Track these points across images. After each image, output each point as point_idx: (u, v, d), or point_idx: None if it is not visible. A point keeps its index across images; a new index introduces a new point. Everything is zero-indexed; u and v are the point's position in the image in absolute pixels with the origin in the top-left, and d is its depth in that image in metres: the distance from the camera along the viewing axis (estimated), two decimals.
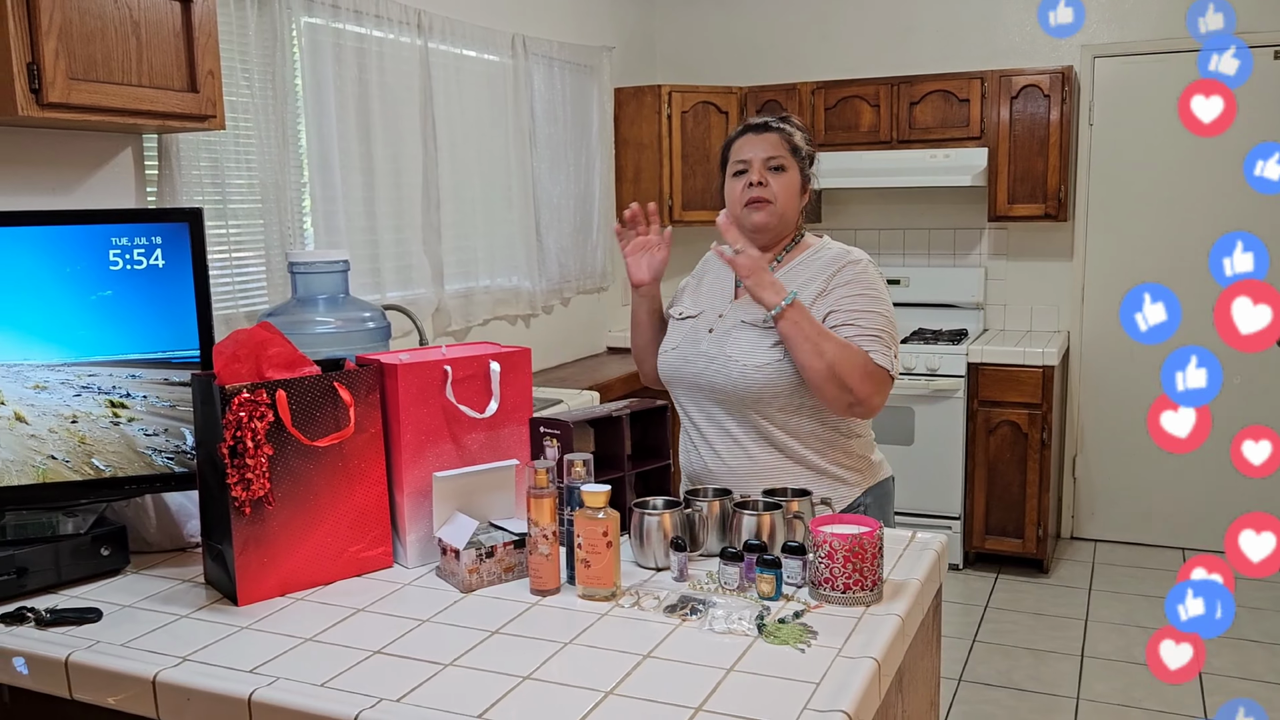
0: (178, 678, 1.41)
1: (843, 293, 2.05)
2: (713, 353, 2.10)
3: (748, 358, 2.04)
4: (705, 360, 2.11)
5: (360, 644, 1.50)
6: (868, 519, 1.67)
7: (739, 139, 2.15)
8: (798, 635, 1.49)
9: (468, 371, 1.86)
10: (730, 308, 2.15)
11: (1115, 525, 4.95)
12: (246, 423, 1.60)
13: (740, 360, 2.05)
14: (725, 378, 2.07)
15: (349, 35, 3.31)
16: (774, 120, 2.14)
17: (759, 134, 2.12)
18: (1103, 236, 4.83)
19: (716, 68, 5.39)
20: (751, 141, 2.12)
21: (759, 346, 2.04)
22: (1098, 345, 4.90)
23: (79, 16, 2.13)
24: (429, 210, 3.68)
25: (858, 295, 2.05)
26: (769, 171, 2.10)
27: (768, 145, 2.11)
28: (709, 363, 2.10)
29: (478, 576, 1.71)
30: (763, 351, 2.04)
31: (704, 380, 2.11)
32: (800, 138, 2.14)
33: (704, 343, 2.13)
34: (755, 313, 2.08)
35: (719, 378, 2.08)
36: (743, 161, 2.12)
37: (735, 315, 2.13)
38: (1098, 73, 4.74)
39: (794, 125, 2.15)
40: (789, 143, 2.11)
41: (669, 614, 1.58)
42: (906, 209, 5.13)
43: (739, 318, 2.11)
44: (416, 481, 1.80)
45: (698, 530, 1.83)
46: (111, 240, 1.73)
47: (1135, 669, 3.62)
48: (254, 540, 1.65)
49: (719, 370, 2.08)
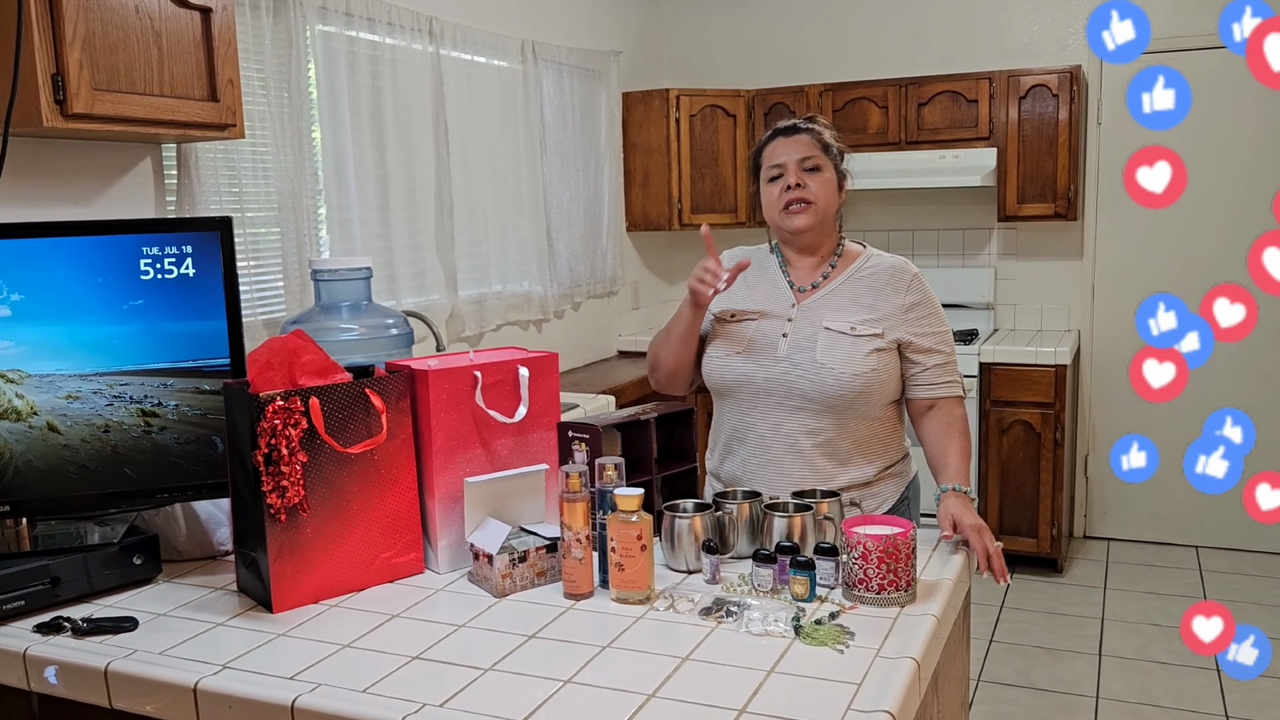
0: (218, 685, 1.41)
1: (919, 313, 2.08)
2: (798, 358, 2.06)
3: (845, 366, 2.02)
4: (787, 365, 2.06)
5: (398, 650, 1.50)
6: (900, 519, 1.67)
7: (770, 144, 2.14)
8: (835, 636, 1.49)
9: (497, 377, 1.87)
10: (798, 311, 2.11)
11: (1128, 524, 4.95)
12: (281, 430, 1.60)
13: (837, 368, 2.02)
14: (815, 384, 2.03)
15: (362, 43, 3.32)
16: (802, 121, 2.14)
17: (789, 136, 2.11)
18: (1112, 235, 4.84)
19: (724, 71, 5.40)
20: (783, 145, 2.11)
21: (854, 355, 2.03)
22: (1108, 344, 4.90)
23: (102, 27, 2.14)
24: (442, 216, 3.68)
25: (928, 315, 2.09)
26: (805, 173, 2.09)
27: (800, 146, 2.09)
28: (792, 368, 2.06)
29: (510, 581, 1.71)
30: (859, 360, 2.03)
31: (783, 386, 2.06)
32: (830, 135, 2.13)
33: (781, 347, 2.08)
34: (839, 320, 2.06)
35: (806, 384, 2.04)
36: (777, 166, 2.10)
37: (811, 320, 2.09)
38: (1106, 72, 4.74)
39: (822, 124, 2.15)
40: (820, 141, 2.11)
41: (704, 616, 1.59)
42: (916, 210, 5.14)
43: (819, 323, 2.08)
44: (447, 487, 1.81)
45: (728, 533, 1.84)
46: (142, 250, 1.74)
47: (1153, 667, 3.62)
48: (289, 547, 1.65)
49: (806, 376, 2.04)
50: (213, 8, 2.38)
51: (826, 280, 2.13)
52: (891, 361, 2.06)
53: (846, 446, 2.07)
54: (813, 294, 2.13)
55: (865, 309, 2.07)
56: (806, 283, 2.14)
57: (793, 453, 2.07)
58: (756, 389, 2.10)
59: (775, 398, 2.08)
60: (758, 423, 2.11)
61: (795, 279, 2.16)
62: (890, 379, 2.06)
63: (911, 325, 2.07)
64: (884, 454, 2.11)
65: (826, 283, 2.13)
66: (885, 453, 2.11)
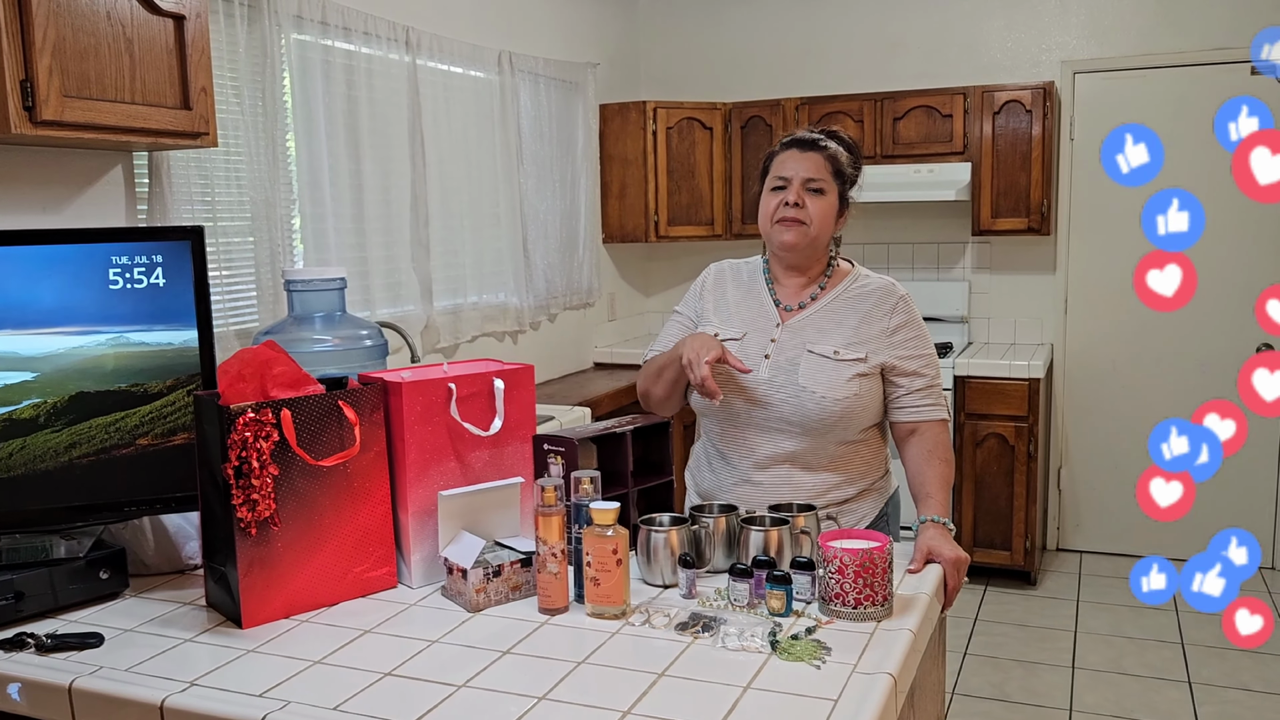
0: (186, 703, 1.39)
1: (904, 335, 2.07)
2: (779, 381, 2.04)
3: (827, 390, 2.00)
4: (769, 388, 2.04)
5: (370, 666, 1.48)
6: (876, 533, 1.67)
7: (783, 152, 2.09)
8: (812, 651, 1.49)
9: (471, 389, 1.85)
10: (780, 331, 2.10)
11: (1100, 536, 4.98)
12: (252, 443, 1.58)
13: (819, 392, 2.00)
14: (796, 408, 2.02)
15: (338, 52, 3.30)
16: (823, 138, 2.08)
17: (804, 151, 2.06)
18: (1085, 250, 4.88)
19: (701, 84, 5.41)
20: (795, 158, 2.06)
21: (836, 380, 2.01)
22: (1081, 358, 4.94)
23: (72, 34, 2.12)
24: (417, 227, 3.66)
25: (913, 338, 2.08)
26: (807, 193, 2.05)
27: (810, 165, 2.05)
28: (774, 390, 2.04)
29: (485, 596, 1.69)
30: (841, 385, 2.01)
31: (764, 407, 2.05)
32: (846, 159, 2.08)
33: (763, 369, 2.06)
34: (822, 343, 2.05)
35: (787, 407, 2.03)
36: (782, 178, 2.06)
37: (793, 341, 2.07)
38: (1078, 88, 4.79)
39: (841, 143, 2.09)
40: (833, 164, 2.06)
41: (680, 631, 1.58)
42: (891, 224, 5.16)
43: (802, 345, 2.06)
44: (421, 500, 1.79)
45: (704, 547, 1.83)
46: (111, 259, 1.71)
47: (1125, 679, 3.64)
48: (259, 562, 1.63)
49: (786, 400, 2.02)
50: (186, 15, 2.36)
51: (814, 301, 2.12)
52: (874, 386, 2.05)
53: (826, 466, 2.06)
54: (799, 314, 2.11)
55: (850, 331, 2.06)
56: (793, 302, 2.13)
57: (771, 472, 2.06)
58: (737, 410, 2.08)
59: (756, 418, 2.07)
60: (738, 442, 2.10)
61: (782, 298, 2.14)
62: (872, 404, 2.05)
63: (896, 349, 2.06)
64: (865, 474, 2.11)
65: (814, 303, 2.11)
66: (867, 472, 2.11)
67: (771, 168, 2.11)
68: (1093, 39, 4.75)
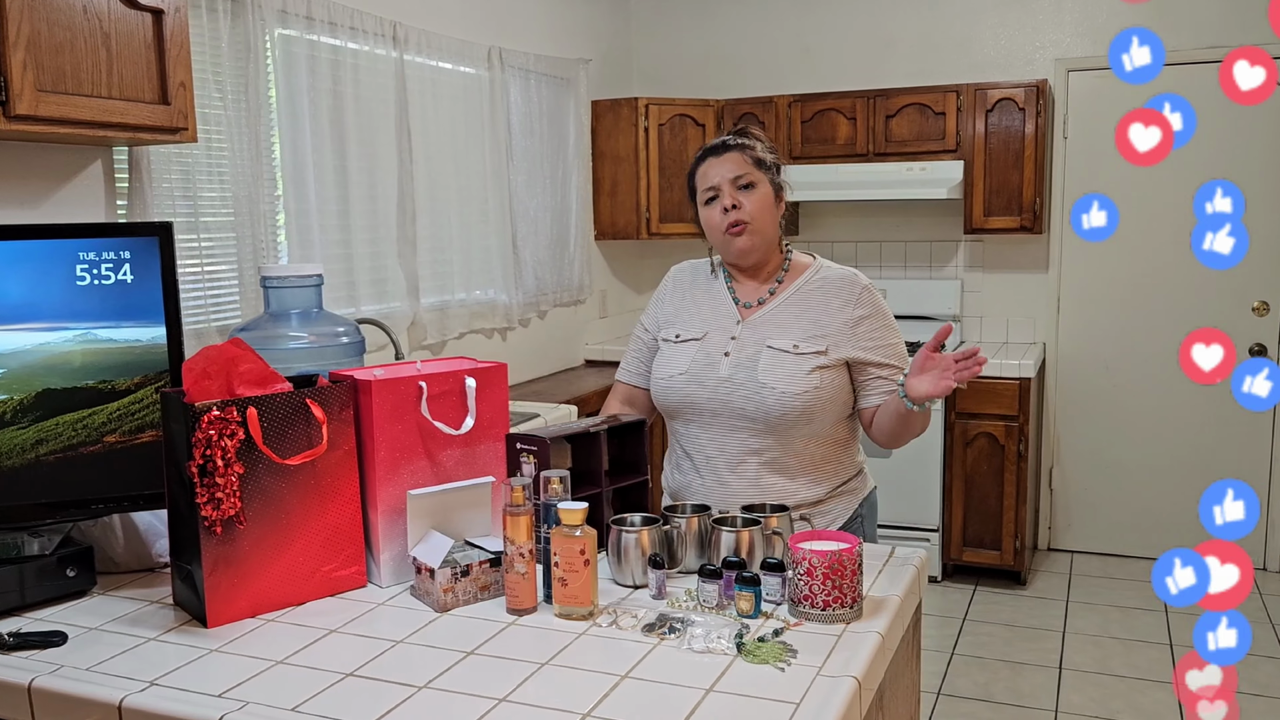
0: (144, 703, 1.38)
1: (869, 327, 2.05)
2: (740, 378, 2.03)
3: (786, 385, 1.99)
4: (729, 386, 2.03)
5: (332, 666, 1.47)
6: (847, 535, 1.66)
7: (701, 165, 2.11)
8: (777, 654, 1.47)
9: (443, 387, 1.84)
10: (740, 328, 2.09)
11: (1091, 537, 4.97)
12: (216, 441, 1.57)
13: (778, 387, 1.99)
14: (757, 404, 2.00)
15: (323, 47, 3.29)
16: (731, 138, 2.09)
17: (719, 155, 2.07)
18: (1077, 249, 4.86)
19: (694, 81, 5.40)
20: (714, 165, 2.07)
21: (796, 374, 2.00)
22: (1073, 357, 4.93)
23: (48, 28, 2.10)
24: (404, 223, 3.65)
25: (881, 327, 2.06)
26: (739, 191, 2.05)
27: (731, 165, 2.06)
28: (735, 388, 2.03)
29: (453, 596, 1.68)
30: (801, 378, 1.99)
31: (725, 406, 2.04)
32: (762, 148, 2.09)
33: (723, 367, 2.05)
34: (782, 337, 2.04)
35: (748, 404, 2.01)
36: (711, 188, 2.07)
37: (753, 337, 2.06)
38: (1072, 86, 4.77)
39: (754, 137, 2.10)
40: (752, 157, 2.06)
41: (647, 633, 1.57)
42: (883, 221, 5.15)
43: (761, 341, 2.05)
44: (391, 499, 1.78)
45: (676, 547, 1.82)
46: (79, 255, 1.70)
47: (1111, 680, 3.62)
48: (224, 560, 1.62)
49: (748, 396, 2.01)
50: (165, 10, 2.34)
51: (773, 296, 2.11)
52: (837, 380, 2.03)
53: (794, 465, 2.05)
54: (758, 310, 2.10)
55: (810, 324, 2.05)
56: (752, 299, 2.12)
57: (739, 472, 2.05)
58: (700, 409, 2.07)
59: (720, 417, 2.06)
60: (704, 442, 2.09)
61: (741, 295, 2.13)
62: (836, 398, 2.04)
63: (860, 340, 2.05)
64: (835, 473, 2.09)
65: (773, 298, 2.10)
66: (837, 471, 2.10)
67: (696, 184, 2.11)
68: (1086, 37, 4.73)
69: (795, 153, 4.91)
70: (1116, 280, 4.79)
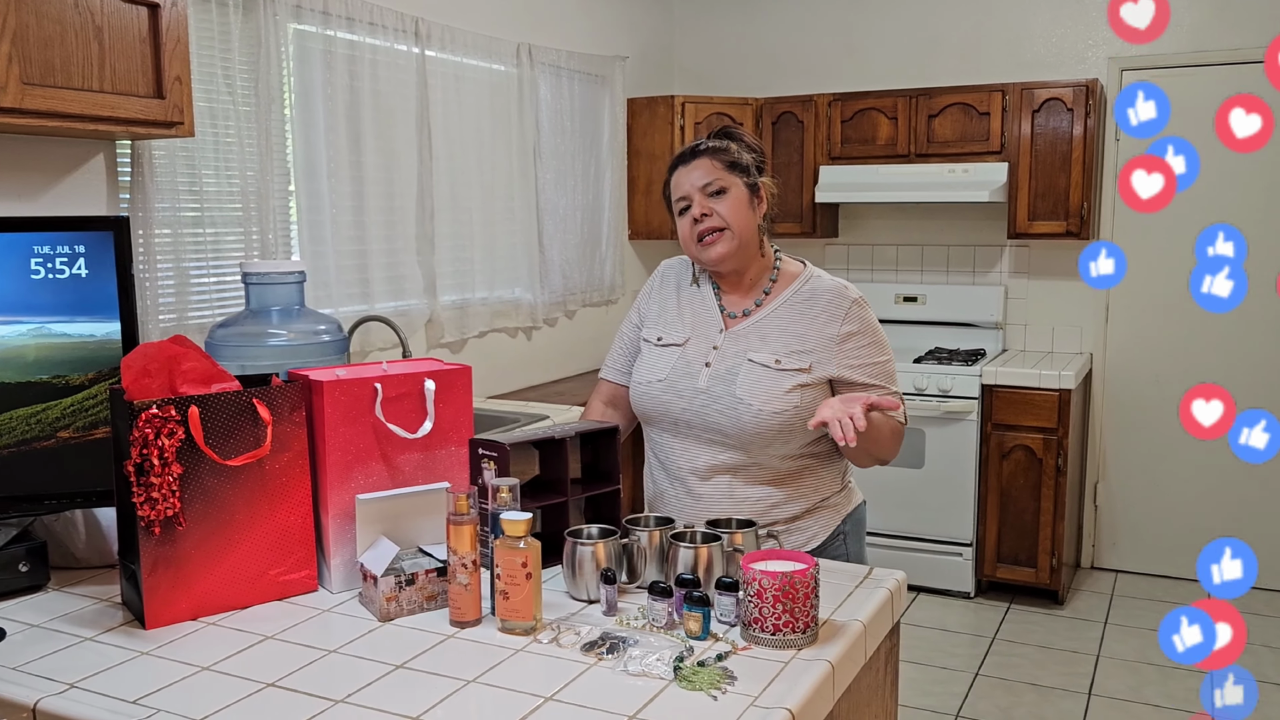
0: (58, 706, 1.35)
1: (856, 344, 1.96)
2: (717, 391, 1.95)
3: (763, 402, 1.91)
4: (706, 398, 1.96)
5: (256, 675, 1.43)
6: (803, 555, 1.57)
7: (672, 176, 2.01)
8: (714, 680, 1.40)
9: (401, 390, 1.79)
10: (724, 338, 2.01)
11: (1137, 556, 4.76)
12: (154, 439, 1.54)
13: (754, 404, 1.91)
14: (733, 420, 1.93)
15: (340, 43, 3.27)
16: (702, 143, 2.00)
17: (688, 164, 1.98)
18: (1129, 255, 4.65)
19: (735, 79, 5.30)
20: (683, 174, 1.98)
21: (774, 391, 1.91)
22: (1122, 368, 4.73)
23: (36, 20, 2.11)
24: (423, 220, 3.63)
25: (869, 345, 1.97)
26: (710, 198, 1.96)
27: (701, 172, 1.96)
28: (711, 401, 1.95)
29: (396, 605, 1.63)
30: (779, 396, 1.91)
31: (700, 419, 1.96)
32: (736, 149, 1.99)
33: (701, 378, 1.97)
34: (763, 351, 1.95)
35: (723, 419, 1.94)
36: (683, 199, 1.98)
37: (735, 349, 1.98)
38: (1126, 86, 4.57)
39: (729, 137, 2.01)
40: (724, 160, 1.97)
41: (585, 652, 1.50)
42: (924, 224, 5.00)
43: (743, 354, 1.97)
44: (342, 503, 1.73)
45: (636, 561, 1.74)
46: (33, 248, 1.68)
47: (1143, 709, 3.45)
48: (164, 561, 1.59)
49: (723, 411, 1.94)
50: (160, 3, 2.34)
51: (759, 306, 2.02)
52: (819, 398, 1.93)
53: (770, 481, 1.96)
54: (743, 320, 2.01)
55: (795, 338, 1.96)
56: (739, 309, 2.03)
57: (712, 484, 1.97)
58: (675, 419, 2.00)
59: (694, 429, 1.98)
60: (677, 452, 2.02)
61: (727, 304, 2.05)
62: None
63: (846, 358, 1.95)
64: (816, 488, 2.00)
65: (759, 309, 2.01)
66: (817, 486, 2.00)
67: (671, 195, 2.02)
68: None
69: (835, 153, 4.79)
70: (1169, 289, 4.57)
